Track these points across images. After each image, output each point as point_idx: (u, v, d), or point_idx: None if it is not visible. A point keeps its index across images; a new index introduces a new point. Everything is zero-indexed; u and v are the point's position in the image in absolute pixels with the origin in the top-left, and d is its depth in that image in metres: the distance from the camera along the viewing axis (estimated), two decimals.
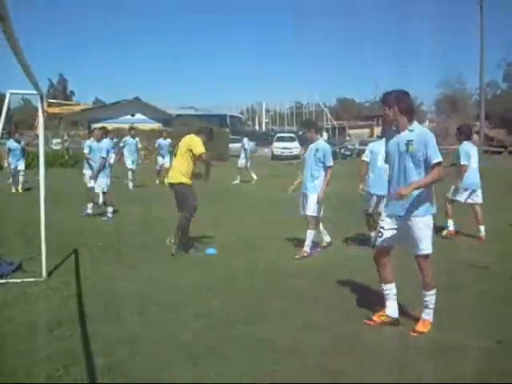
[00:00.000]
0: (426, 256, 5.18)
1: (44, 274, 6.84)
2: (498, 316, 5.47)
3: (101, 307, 5.76)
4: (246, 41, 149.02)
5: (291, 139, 42.45)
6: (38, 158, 8.47)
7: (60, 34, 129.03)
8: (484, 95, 28.58)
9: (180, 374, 4.20)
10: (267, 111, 61.79)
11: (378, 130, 40.93)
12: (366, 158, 8.74)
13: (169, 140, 20.34)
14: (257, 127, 64.53)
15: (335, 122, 59.01)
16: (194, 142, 8.45)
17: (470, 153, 9.05)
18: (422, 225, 5.11)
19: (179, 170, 8.44)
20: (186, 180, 8.40)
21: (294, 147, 40.26)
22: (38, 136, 10.96)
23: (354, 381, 4.11)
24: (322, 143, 8.43)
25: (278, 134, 45.51)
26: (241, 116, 59.45)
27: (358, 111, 70.60)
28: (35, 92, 6.89)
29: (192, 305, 5.90)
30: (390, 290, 5.37)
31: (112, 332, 5.04)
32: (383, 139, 6.09)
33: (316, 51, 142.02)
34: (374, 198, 8.38)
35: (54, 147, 31.78)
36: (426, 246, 5.12)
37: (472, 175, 9.20)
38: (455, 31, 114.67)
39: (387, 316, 5.30)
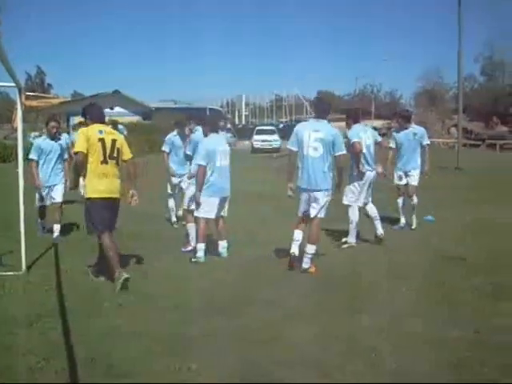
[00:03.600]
0: None
1: (23, 267, 6.79)
2: (477, 306, 5.56)
3: (81, 300, 5.76)
4: (226, 34, 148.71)
5: (271, 132, 42.41)
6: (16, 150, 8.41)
7: (38, 26, 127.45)
8: (462, 89, 28.80)
9: (160, 365, 4.23)
10: (247, 104, 61.74)
11: None
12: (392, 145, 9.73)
13: None
14: (237, 120, 64.39)
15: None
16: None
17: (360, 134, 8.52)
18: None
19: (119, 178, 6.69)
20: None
21: (274, 140, 40.25)
22: (16, 129, 10.83)
23: (336, 371, 4.17)
24: None
25: (258, 127, 45.43)
26: (221, 109, 59.30)
27: (338, 104, 70.76)
28: (13, 85, 6.84)
29: (173, 296, 5.92)
30: None
31: (93, 324, 5.06)
32: None
33: (296, 44, 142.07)
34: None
35: (32, 140, 31.40)
36: None
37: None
38: (434, 25, 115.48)
39: None
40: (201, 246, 7.49)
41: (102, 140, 6.34)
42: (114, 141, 6.47)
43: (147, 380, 4.01)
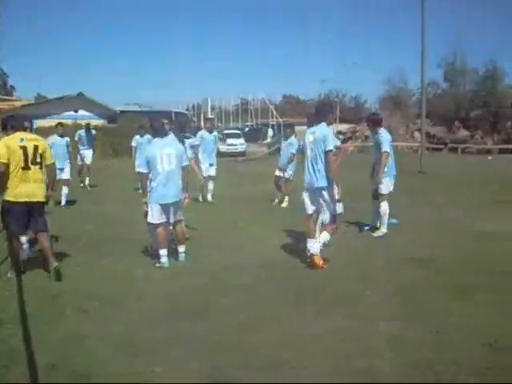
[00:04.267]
0: None
1: None
2: (439, 307, 5.67)
3: (43, 305, 5.68)
4: (192, 37, 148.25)
5: (237, 136, 42.37)
6: None
7: (1, 27, 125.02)
8: (425, 94, 29.30)
9: (123, 370, 4.19)
10: (213, 108, 61.52)
11: None
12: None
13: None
14: (202, 124, 63.98)
15: (281, 119, 59.37)
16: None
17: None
18: None
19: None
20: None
21: (240, 144, 40.22)
22: None
23: (298, 373, 4.19)
24: None
25: (224, 131, 45.35)
26: (186, 112, 59.03)
27: (303, 108, 71.26)
28: None
29: (136, 300, 5.89)
30: None
31: (55, 330, 5.00)
32: None
33: (262, 49, 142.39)
34: None
35: None
36: None
37: None
38: (398, 31, 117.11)
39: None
40: (163, 252, 7.41)
41: (23, 147, 6.63)
42: (36, 147, 6.74)
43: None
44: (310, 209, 7.47)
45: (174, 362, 4.36)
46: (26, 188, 6.64)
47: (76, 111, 36.80)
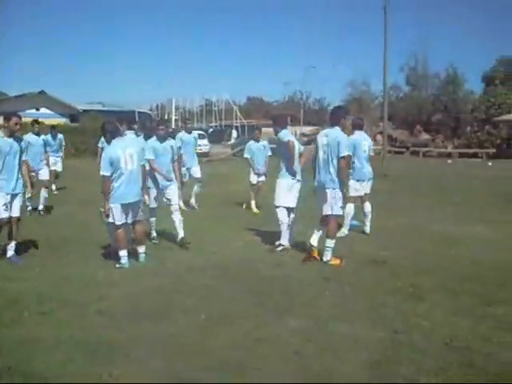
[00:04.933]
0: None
1: None
2: (397, 308, 5.73)
3: (1, 307, 5.57)
4: (157, 37, 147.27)
5: (201, 137, 42.23)
6: None
7: None
8: (388, 97, 29.72)
9: (80, 373, 4.14)
10: (177, 108, 61.17)
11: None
12: None
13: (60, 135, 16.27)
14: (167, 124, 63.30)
15: (245, 121, 59.44)
16: None
17: None
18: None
19: None
20: None
21: (204, 145, 40.10)
22: None
23: (255, 374, 4.20)
24: None
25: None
26: (150, 112, 58.59)
27: (267, 110, 71.48)
28: None
29: (96, 302, 5.81)
30: None
31: (12, 333, 4.91)
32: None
33: (226, 50, 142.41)
34: None
35: None
36: None
37: None
38: (361, 35, 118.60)
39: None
40: (123, 253, 7.35)
41: None
42: None
43: None
44: (319, 207, 7.75)
45: (132, 364, 4.33)
46: None
47: (38, 109, 36.24)
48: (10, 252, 7.64)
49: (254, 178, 12.94)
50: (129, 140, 7.71)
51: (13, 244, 7.66)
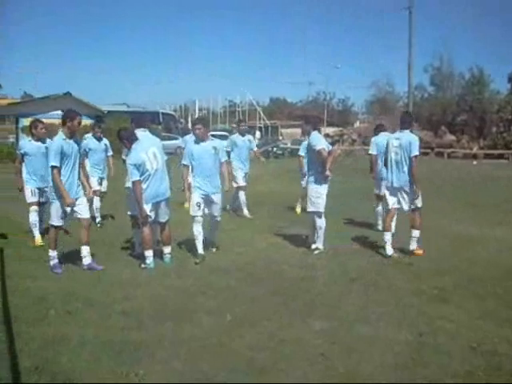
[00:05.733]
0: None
1: None
2: (421, 310, 5.70)
3: (27, 307, 5.63)
4: (181, 39, 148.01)
5: (224, 138, 42.29)
6: None
7: None
8: (412, 98, 29.50)
9: (107, 373, 4.18)
10: (200, 109, 61.52)
11: None
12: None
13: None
14: (190, 125, 63.80)
15: (268, 122, 59.45)
16: None
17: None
18: None
19: None
20: None
21: (228, 145, 40.12)
22: None
23: (281, 375, 4.20)
24: None
25: (211, 133, 45.11)
26: (174, 113, 58.95)
27: (291, 111, 71.34)
28: None
29: (121, 302, 5.86)
30: None
31: (38, 331, 4.95)
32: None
33: (249, 50, 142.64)
34: None
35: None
36: None
37: None
38: (385, 35, 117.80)
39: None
40: (149, 253, 7.38)
41: None
42: None
43: None
44: (391, 205, 8.27)
45: (157, 364, 4.35)
46: None
47: (63, 111, 36.51)
48: (87, 259, 7.25)
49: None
50: (147, 140, 7.60)
51: (86, 250, 7.26)
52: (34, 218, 8.83)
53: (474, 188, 18.03)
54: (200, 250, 7.88)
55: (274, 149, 41.28)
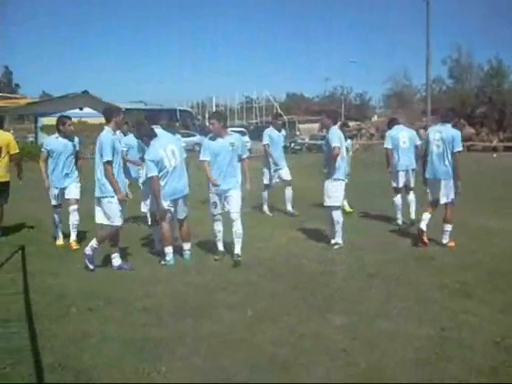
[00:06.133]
0: None
1: None
2: (444, 305, 5.65)
3: (49, 304, 5.68)
4: (196, 35, 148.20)
5: (241, 134, 42.26)
6: None
7: (6, 25, 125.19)
8: (430, 91, 29.24)
9: (129, 370, 4.19)
10: (217, 106, 61.49)
11: None
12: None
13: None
14: (207, 122, 63.96)
15: (285, 117, 59.37)
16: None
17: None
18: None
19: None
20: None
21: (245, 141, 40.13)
22: None
23: (302, 371, 4.18)
24: None
25: (229, 129, 45.13)
26: (191, 110, 59.12)
27: (308, 106, 71.16)
28: None
29: (141, 299, 5.88)
30: None
31: (61, 329, 4.99)
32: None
33: (265, 46, 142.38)
34: None
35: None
36: None
37: None
38: (402, 28, 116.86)
39: None
40: (169, 249, 7.39)
41: None
42: None
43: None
44: (430, 197, 8.50)
45: (179, 361, 4.35)
46: None
47: (81, 109, 36.82)
48: (117, 260, 7.21)
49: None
50: (165, 137, 7.62)
51: (116, 251, 7.23)
52: (57, 219, 8.60)
53: (495, 181, 17.80)
54: (220, 247, 7.80)
55: (292, 144, 41.21)
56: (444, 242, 8.31)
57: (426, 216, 8.36)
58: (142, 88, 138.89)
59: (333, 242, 8.29)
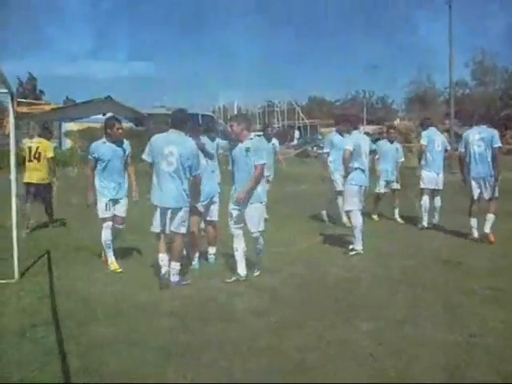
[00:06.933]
0: None
1: (16, 275, 6.74)
2: (472, 310, 5.58)
3: (75, 308, 5.71)
4: (217, 40, 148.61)
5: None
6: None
7: (27, 32, 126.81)
8: (453, 94, 28.99)
9: (155, 375, 4.18)
10: (239, 110, 61.73)
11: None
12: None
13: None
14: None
15: (307, 121, 59.27)
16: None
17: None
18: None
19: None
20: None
21: None
22: (7, 135, 10.66)
23: (329, 377, 4.15)
24: None
25: (252, 133, 45.18)
26: (213, 115, 59.35)
27: (329, 110, 71.01)
28: (5, 91, 6.80)
29: (167, 304, 5.88)
30: None
31: (87, 333, 5.00)
32: None
33: (287, 50, 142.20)
34: None
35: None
36: None
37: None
38: (425, 31, 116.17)
39: None
40: (194, 254, 7.42)
41: (29, 147, 10.45)
42: (37, 147, 10.44)
43: None
44: (475, 194, 8.99)
45: (204, 366, 4.34)
46: (29, 174, 10.37)
47: (104, 114, 37.10)
48: (175, 277, 6.65)
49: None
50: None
51: (176, 265, 6.67)
52: (107, 236, 7.44)
53: None
54: (239, 269, 6.85)
55: (314, 148, 41.10)
56: (486, 230, 8.74)
57: (490, 217, 8.81)
58: (165, 93, 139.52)
59: (350, 247, 8.25)
